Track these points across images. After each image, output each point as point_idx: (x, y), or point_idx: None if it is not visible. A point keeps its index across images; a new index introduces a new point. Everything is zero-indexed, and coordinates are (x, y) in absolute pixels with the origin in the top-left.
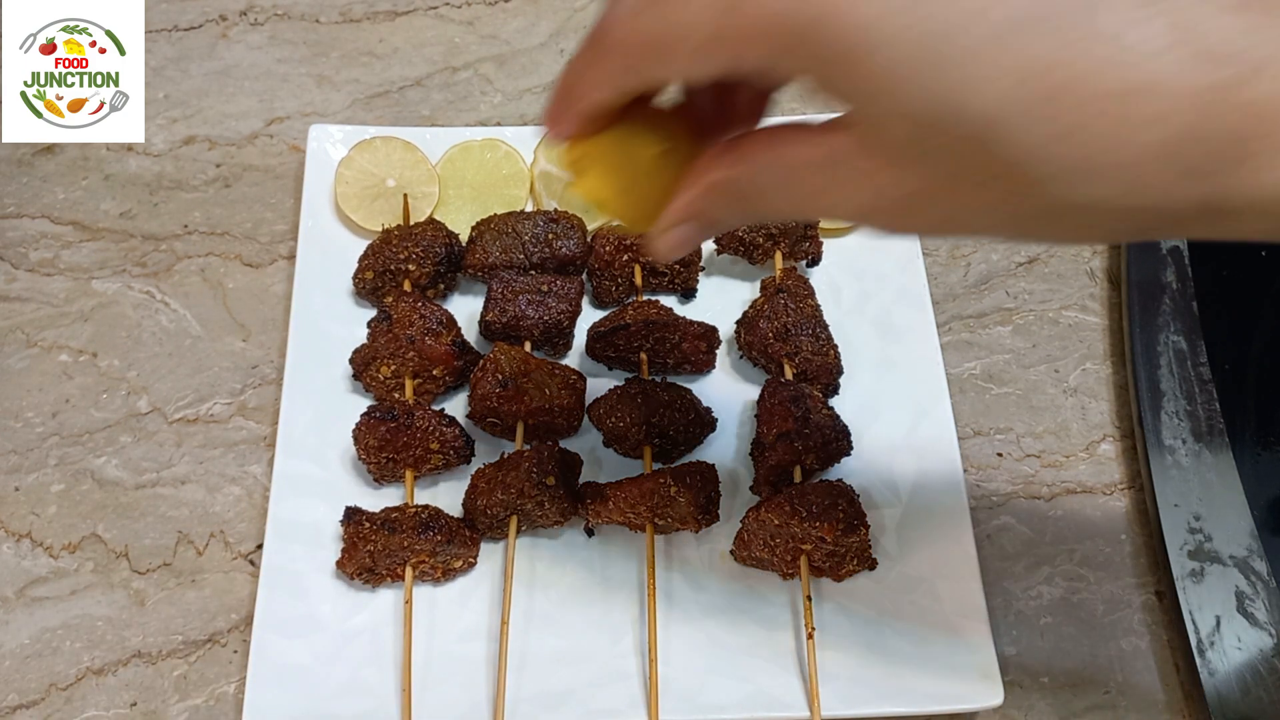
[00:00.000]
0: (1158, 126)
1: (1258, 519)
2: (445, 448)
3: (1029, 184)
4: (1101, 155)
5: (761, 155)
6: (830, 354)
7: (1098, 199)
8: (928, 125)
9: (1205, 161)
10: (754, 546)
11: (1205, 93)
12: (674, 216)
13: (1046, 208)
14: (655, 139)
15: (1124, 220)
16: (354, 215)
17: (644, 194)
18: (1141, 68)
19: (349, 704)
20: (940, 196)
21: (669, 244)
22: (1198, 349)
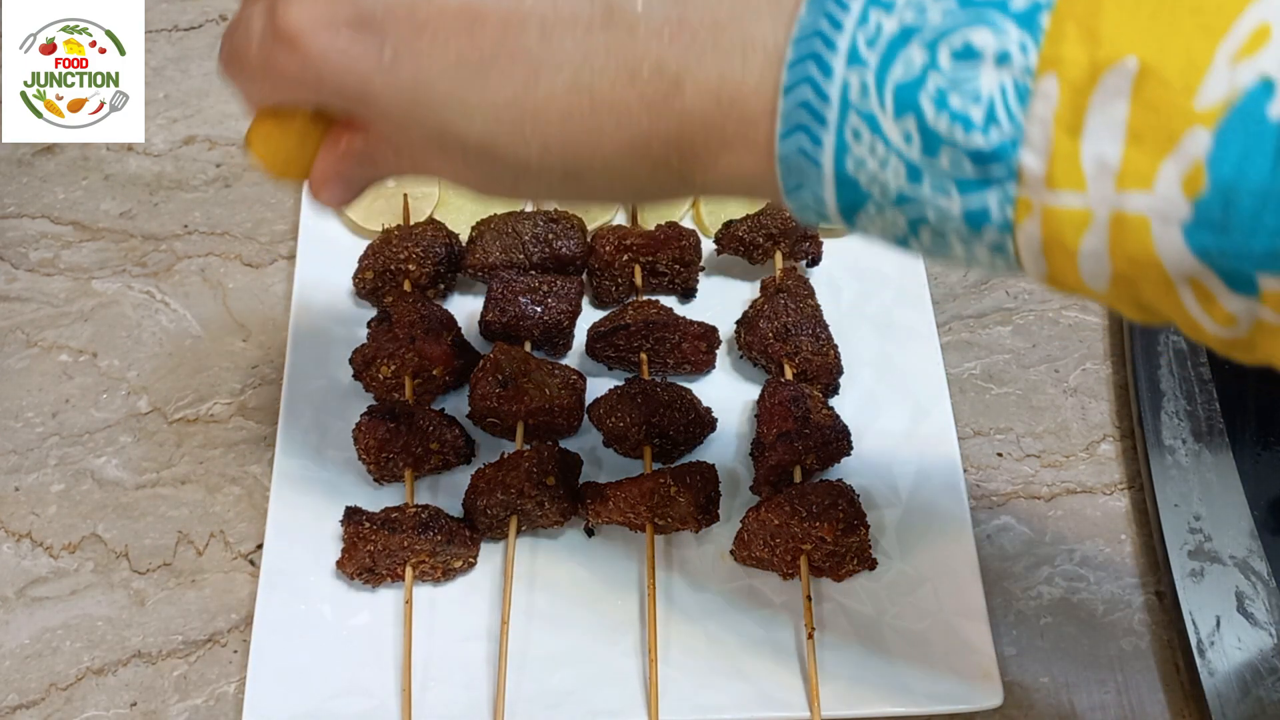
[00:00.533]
0: (620, 132)
1: (1258, 519)
2: (445, 448)
3: (542, 180)
4: (585, 157)
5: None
6: (830, 354)
7: (597, 185)
8: (442, 146)
9: (666, 155)
10: (754, 546)
11: (650, 105)
12: (322, 175)
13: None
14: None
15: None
16: (354, 215)
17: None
18: (594, 90)
19: (349, 704)
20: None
21: (327, 197)
22: (1198, 349)
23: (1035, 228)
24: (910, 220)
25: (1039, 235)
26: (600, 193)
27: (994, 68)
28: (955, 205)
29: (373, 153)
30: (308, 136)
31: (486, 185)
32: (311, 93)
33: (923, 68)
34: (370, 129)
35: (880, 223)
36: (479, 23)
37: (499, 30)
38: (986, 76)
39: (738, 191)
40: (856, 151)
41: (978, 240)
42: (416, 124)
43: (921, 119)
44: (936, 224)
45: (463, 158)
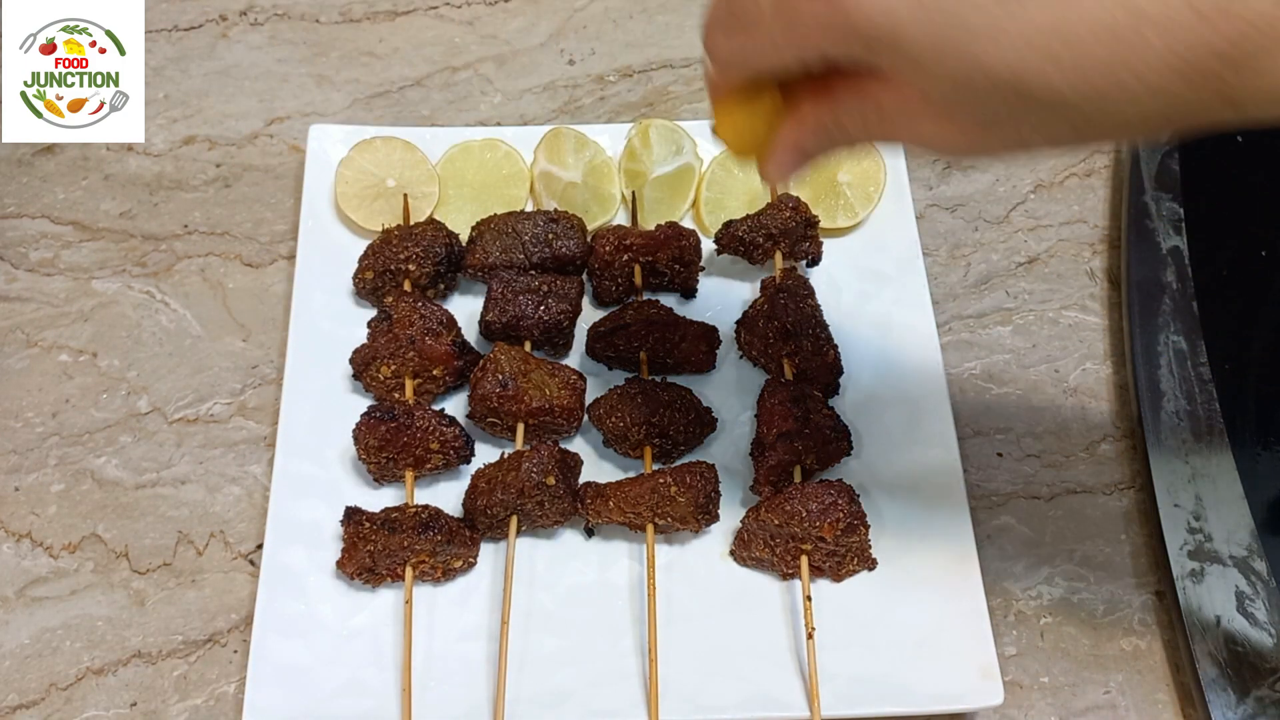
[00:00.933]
0: (1169, 44)
1: (1258, 519)
2: (445, 448)
3: (1064, 113)
4: (1126, 77)
5: (845, 95)
6: (830, 354)
7: (1126, 112)
8: (963, 87)
9: (1213, 65)
10: (754, 546)
11: (1203, 13)
12: (779, 146)
13: (1086, 124)
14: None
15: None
16: (354, 215)
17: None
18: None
19: (349, 704)
20: (993, 131)
21: (777, 169)
22: (1198, 349)
23: None
24: None
25: None
26: (1129, 122)
27: None
28: None
29: (841, 119)
30: (776, 115)
31: (984, 131)
32: (836, 40)
33: None
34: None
35: None
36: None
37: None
38: None
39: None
40: None
41: None
42: (944, 61)
43: None
44: None
45: (983, 100)
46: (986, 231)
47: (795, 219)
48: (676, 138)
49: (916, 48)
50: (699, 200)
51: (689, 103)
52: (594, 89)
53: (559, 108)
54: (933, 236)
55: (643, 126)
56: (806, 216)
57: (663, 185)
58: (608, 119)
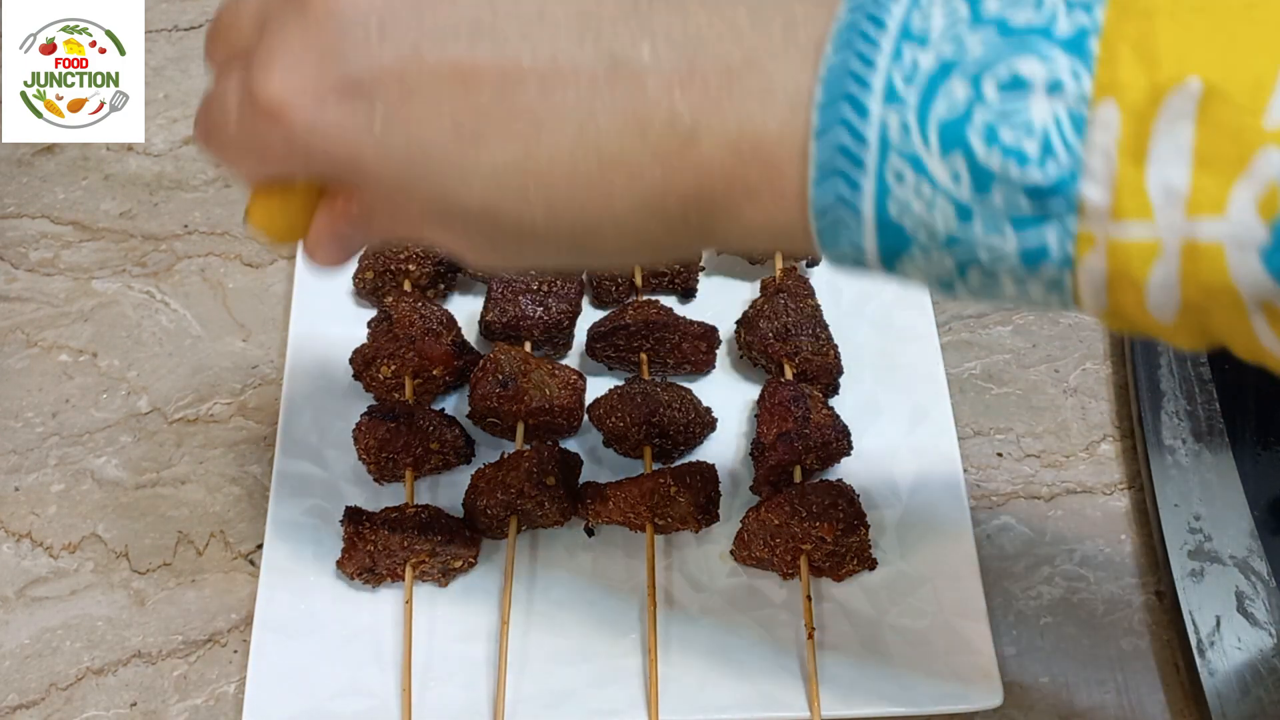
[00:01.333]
0: (632, 190)
1: (1258, 519)
2: (445, 448)
3: (549, 244)
4: (594, 217)
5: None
6: (830, 354)
7: (608, 248)
8: (440, 217)
9: (683, 210)
10: (754, 546)
11: (663, 160)
12: (317, 238)
13: (578, 254)
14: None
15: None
16: None
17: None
18: (601, 146)
19: (349, 704)
20: (496, 253)
21: (322, 258)
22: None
23: (1099, 262)
24: (959, 262)
25: (1103, 269)
26: (612, 254)
27: (1045, 97)
28: (1010, 244)
29: (368, 216)
30: (307, 203)
31: (488, 253)
32: (300, 165)
33: (968, 102)
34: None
35: (925, 267)
36: (473, 82)
37: (495, 89)
38: (1038, 107)
39: (762, 243)
40: (899, 195)
41: (1033, 279)
42: (413, 193)
43: (970, 156)
44: (988, 264)
45: (463, 225)
46: None
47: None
48: None
49: (384, 182)
50: None
51: None
52: None
53: None
54: None
55: None
56: None
57: None
58: None
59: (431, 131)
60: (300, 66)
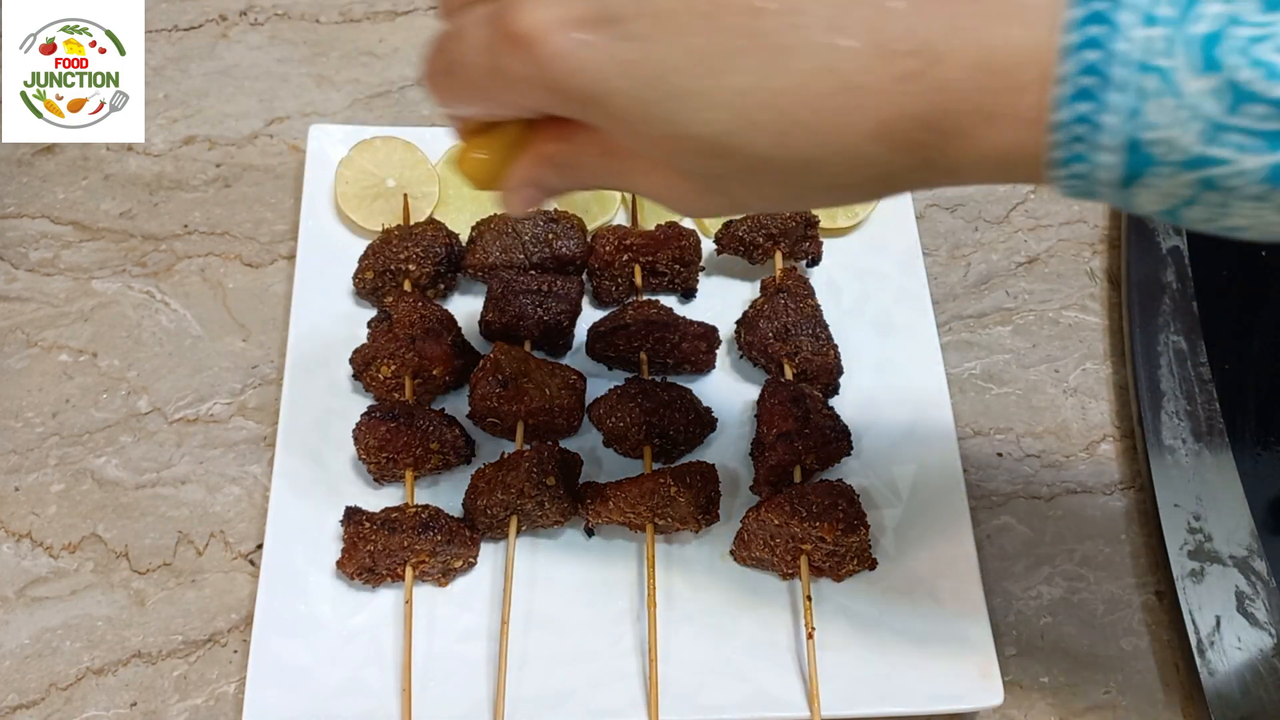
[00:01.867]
0: (868, 113)
1: (1258, 519)
2: (445, 448)
3: (772, 177)
4: (827, 144)
5: (581, 135)
6: (830, 354)
7: (834, 178)
8: (671, 148)
9: (919, 135)
10: (754, 546)
11: (904, 81)
12: (516, 181)
13: (798, 188)
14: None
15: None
16: (354, 215)
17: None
18: (842, 70)
19: (349, 704)
20: (711, 191)
21: (516, 203)
22: (1198, 349)
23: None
24: (1197, 183)
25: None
26: (837, 186)
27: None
28: (1257, 162)
29: (576, 160)
30: (515, 149)
31: (703, 194)
32: (543, 97)
33: (1225, 19)
34: (578, 136)
35: (1159, 191)
36: (721, 10)
37: (740, 17)
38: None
39: (991, 173)
40: (1149, 113)
41: (1272, 199)
42: (650, 122)
43: (1226, 72)
44: (1227, 185)
45: (690, 160)
46: (986, 231)
47: (795, 219)
48: None
49: (623, 111)
50: None
51: None
52: None
53: None
54: (933, 236)
55: None
56: (807, 216)
57: None
58: None
59: (677, 58)
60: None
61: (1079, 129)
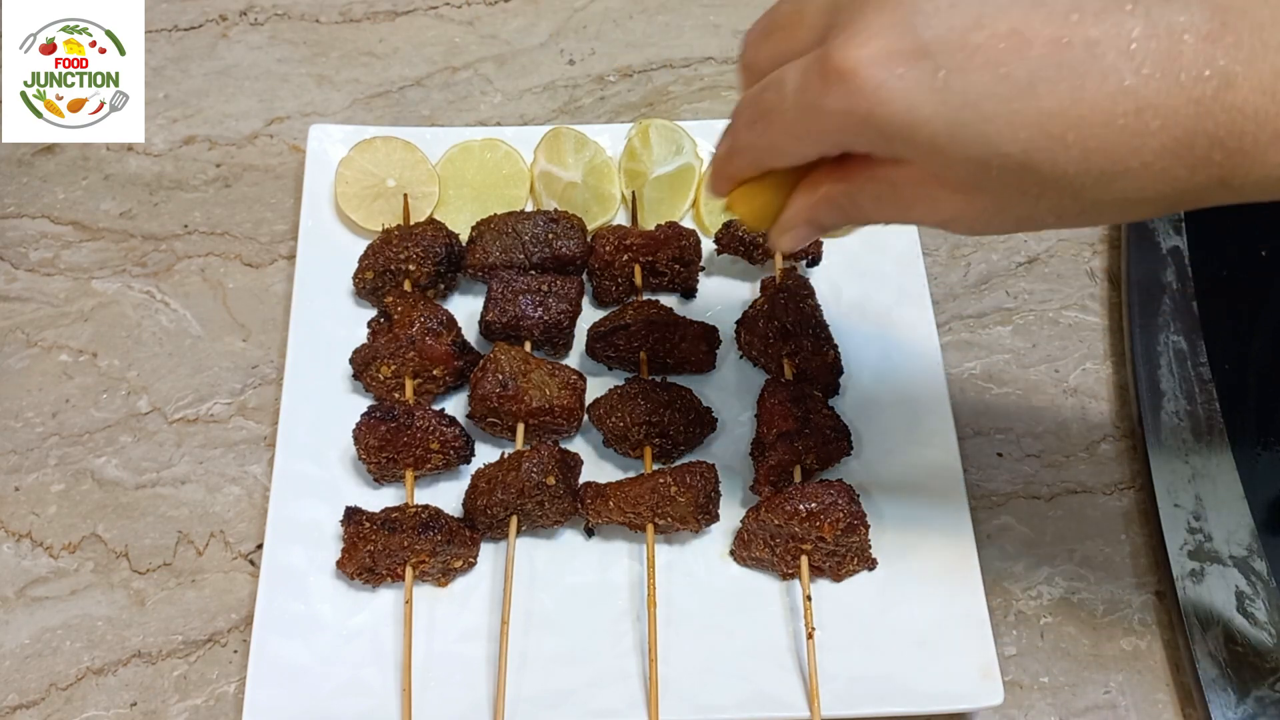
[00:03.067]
0: (1164, 132)
1: (1258, 519)
2: (445, 448)
3: (1070, 193)
4: (1122, 162)
5: (861, 174)
6: (830, 354)
7: (1128, 193)
8: (977, 169)
9: (1209, 153)
10: (754, 546)
11: (1195, 103)
12: (791, 220)
13: (1091, 204)
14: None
15: (1154, 203)
16: (354, 215)
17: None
18: (1139, 94)
19: (349, 704)
20: (1006, 209)
21: (788, 242)
22: (1198, 349)
23: None
24: None
25: None
26: (1130, 200)
27: None
28: None
29: (856, 198)
30: (790, 188)
31: (999, 212)
32: (857, 129)
33: None
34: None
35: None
36: (1029, 42)
37: (1047, 47)
38: None
39: None
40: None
41: None
42: (960, 146)
43: None
44: None
45: (993, 181)
46: None
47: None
48: (676, 138)
49: (936, 136)
50: (699, 200)
51: (689, 103)
52: (594, 89)
53: (559, 108)
54: (933, 236)
55: (643, 126)
56: None
57: (663, 185)
58: (608, 119)
59: (989, 84)
60: (876, 36)
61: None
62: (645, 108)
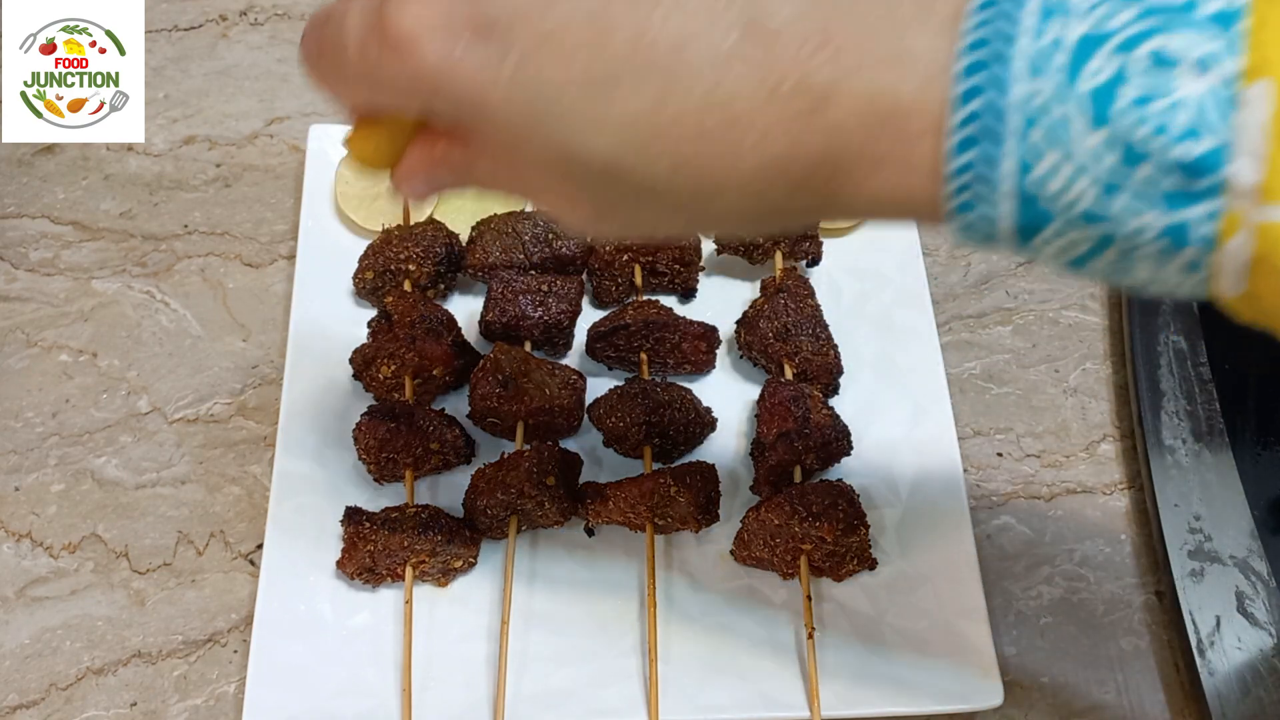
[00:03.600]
0: (759, 150)
1: (1258, 519)
2: (445, 448)
3: (669, 205)
4: (719, 176)
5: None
6: (830, 354)
7: (729, 208)
8: (559, 169)
9: (809, 175)
10: (754, 546)
11: (789, 121)
12: (408, 173)
13: (697, 216)
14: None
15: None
16: (354, 215)
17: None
18: (731, 107)
19: (349, 704)
20: (607, 214)
21: (408, 190)
22: (1198, 349)
23: (1244, 243)
24: (1096, 241)
25: (1248, 252)
26: (731, 216)
27: (1194, 74)
28: (1153, 221)
29: (469, 164)
30: (408, 132)
31: (599, 213)
32: (420, 102)
33: (1114, 76)
34: (474, 141)
35: (1059, 245)
36: (608, 34)
37: (629, 43)
38: (1186, 83)
39: (887, 214)
40: (1041, 167)
41: (1171, 260)
42: (535, 141)
43: (1117, 129)
44: (1126, 243)
45: (582, 181)
46: None
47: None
48: None
49: (505, 126)
50: None
51: None
52: None
53: None
54: (933, 236)
55: None
56: None
57: None
58: None
59: (562, 79)
60: (437, 1)
61: (971, 182)
62: None
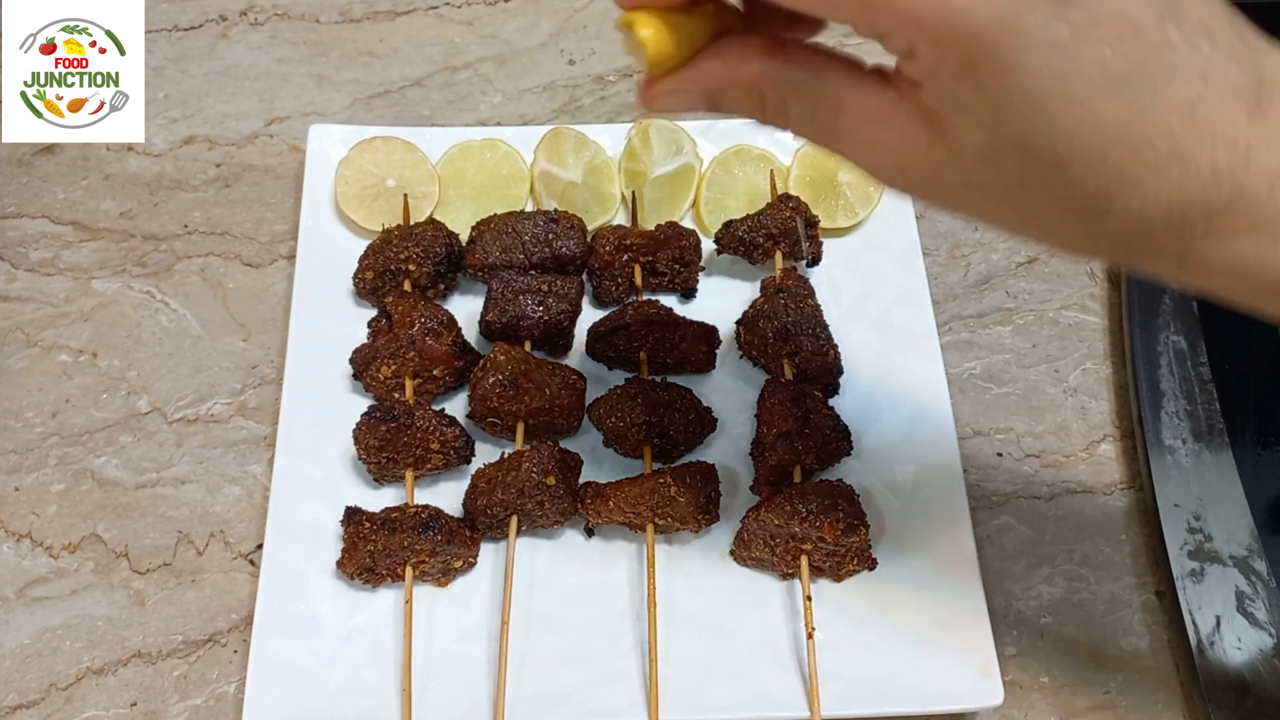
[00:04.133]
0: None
1: (1258, 519)
2: (445, 448)
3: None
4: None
5: (808, 74)
6: (830, 354)
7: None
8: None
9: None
10: (754, 546)
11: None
12: (689, 82)
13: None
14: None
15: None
16: (354, 215)
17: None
18: (1179, 137)
19: (349, 704)
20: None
21: (664, 102)
22: (1198, 349)
23: None
24: None
25: None
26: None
27: None
28: None
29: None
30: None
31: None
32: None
33: None
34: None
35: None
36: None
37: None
38: None
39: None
40: None
41: None
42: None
43: None
44: None
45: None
46: (986, 231)
47: (794, 218)
48: (676, 137)
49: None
50: (699, 200)
51: None
52: (594, 89)
53: (559, 108)
54: (933, 236)
55: (643, 126)
56: (807, 216)
57: (663, 185)
58: (608, 119)
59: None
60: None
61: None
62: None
